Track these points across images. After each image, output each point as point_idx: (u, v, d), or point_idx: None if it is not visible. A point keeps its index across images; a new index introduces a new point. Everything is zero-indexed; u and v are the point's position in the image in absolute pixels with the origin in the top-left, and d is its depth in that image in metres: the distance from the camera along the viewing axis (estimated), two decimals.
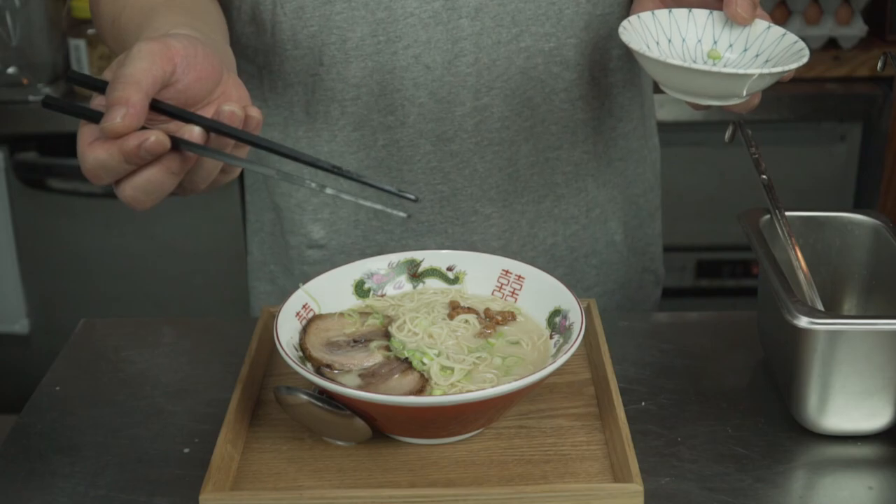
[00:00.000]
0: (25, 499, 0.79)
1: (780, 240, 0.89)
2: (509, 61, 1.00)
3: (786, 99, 2.11)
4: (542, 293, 0.90)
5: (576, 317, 0.85)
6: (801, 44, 0.84)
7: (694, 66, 0.80)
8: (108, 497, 0.79)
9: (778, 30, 0.86)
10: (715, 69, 0.79)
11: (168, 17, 0.81)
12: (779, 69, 0.80)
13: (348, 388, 0.77)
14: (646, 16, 0.87)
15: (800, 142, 2.18)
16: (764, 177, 0.91)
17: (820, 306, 0.87)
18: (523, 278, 0.92)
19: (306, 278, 0.90)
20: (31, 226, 2.23)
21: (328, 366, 0.83)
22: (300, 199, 1.09)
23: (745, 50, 0.87)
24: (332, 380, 0.80)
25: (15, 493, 0.80)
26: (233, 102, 0.70)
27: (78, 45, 2.12)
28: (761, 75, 0.80)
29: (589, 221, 1.12)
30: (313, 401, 0.79)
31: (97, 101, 0.71)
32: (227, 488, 0.77)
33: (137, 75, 0.67)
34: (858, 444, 0.84)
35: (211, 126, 0.70)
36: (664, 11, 0.88)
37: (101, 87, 0.71)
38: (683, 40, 0.88)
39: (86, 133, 0.69)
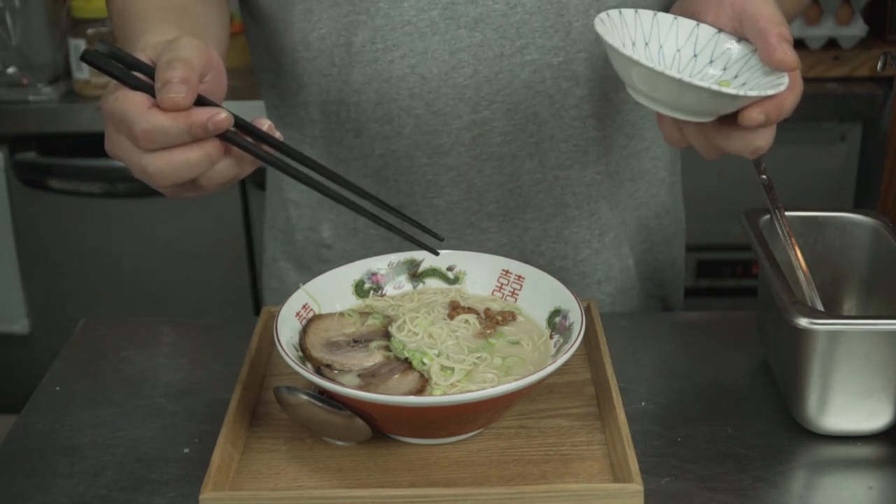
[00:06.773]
0: (25, 499, 0.79)
1: (780, 240, 0.89)
2: (512, 74, 0.97)
3: None
4: (542, 293, 0.90)
5: (576, 317, 0.85)
6: (784, 77, 0.77)
7: (686, 79, 0.73)
8: (108, 497, 0.79)
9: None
10: (705, 85, 0.73)
11: (176, 25, 0.84)
12: (755, 93, 0.74)
13: (348, 388, 0.77)
14: (627, 13, 0.82)
15: (800, 142, 2.18)
16: (764, 177, 0.91)
17: (820, 306, 0.87)
18: (523, 278, 0.92)
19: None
20: (31, 226, 2.23)
21: (328, 366, 0.83)
22: (320, 197, 1.08)
23: (725, 69, 0.82)
24: (332, 380, 0.80)
25: (15, 493, 0.80)
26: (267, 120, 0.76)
27: (78, 45, 2.12)
28: (735, 96, 0.74)
29: (602, 246, 1.09)
30: (313, 401, 0.79)
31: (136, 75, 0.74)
32: (227, 488, 0.77)
33: (193, 61, 0.71)
34: (858, 444, 0.84)
35: (253, 130, 0.75)
36: (648, 12, 0.83)
37: (129, 63, 0.73)
38: (661, 46, 0.83)
39: (138, 98, 0.71)
